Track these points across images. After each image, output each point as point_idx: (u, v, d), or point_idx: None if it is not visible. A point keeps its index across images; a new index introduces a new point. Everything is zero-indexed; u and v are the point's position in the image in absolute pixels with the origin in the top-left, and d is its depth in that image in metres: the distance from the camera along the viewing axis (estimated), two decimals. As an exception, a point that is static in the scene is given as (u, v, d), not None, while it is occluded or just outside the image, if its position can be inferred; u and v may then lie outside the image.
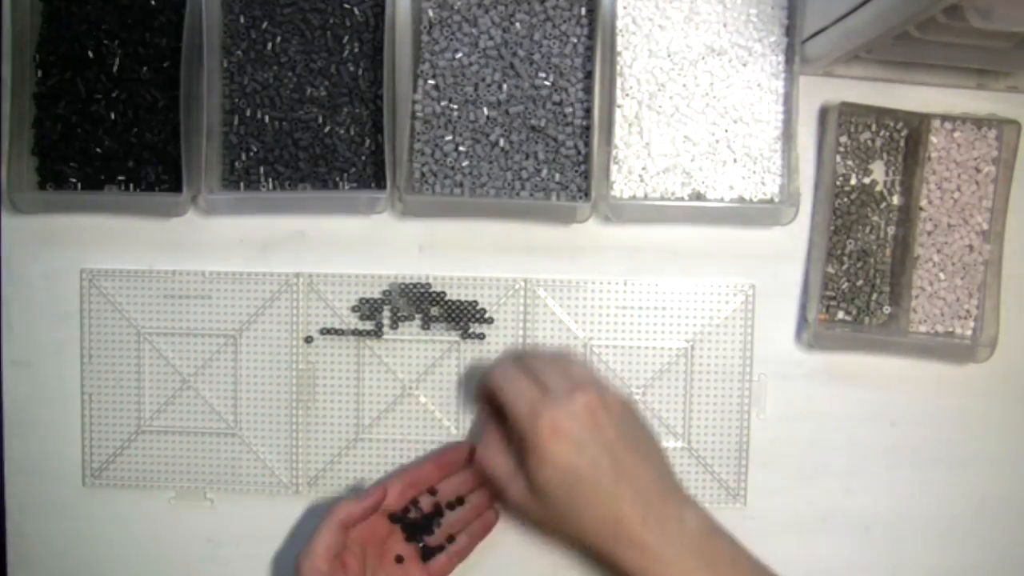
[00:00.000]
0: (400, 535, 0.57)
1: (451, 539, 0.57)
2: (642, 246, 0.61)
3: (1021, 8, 0.45)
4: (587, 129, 0.58)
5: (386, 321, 0.61)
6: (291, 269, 0.62)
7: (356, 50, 0.60)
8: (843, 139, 0.60)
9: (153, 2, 0.60)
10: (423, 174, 0.59)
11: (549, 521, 0.50)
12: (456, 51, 0.59)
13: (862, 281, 0.61)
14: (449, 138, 0.59)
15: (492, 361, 0.61)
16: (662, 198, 0.59)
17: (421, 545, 0.57)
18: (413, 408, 0.62)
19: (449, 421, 0.62)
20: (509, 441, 0.52)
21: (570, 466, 0.49)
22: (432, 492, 0.57)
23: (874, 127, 0.61)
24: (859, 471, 0.62)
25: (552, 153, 0.59)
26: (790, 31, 0.59)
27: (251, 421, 0.62)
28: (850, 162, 0.61)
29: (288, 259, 0.62)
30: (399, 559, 0.56)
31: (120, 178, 0.60)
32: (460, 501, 0.57)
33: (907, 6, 0.46)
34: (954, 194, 0.60)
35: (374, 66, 0.60)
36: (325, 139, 0.60)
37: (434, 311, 0.61)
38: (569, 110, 0.58)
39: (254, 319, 0.62)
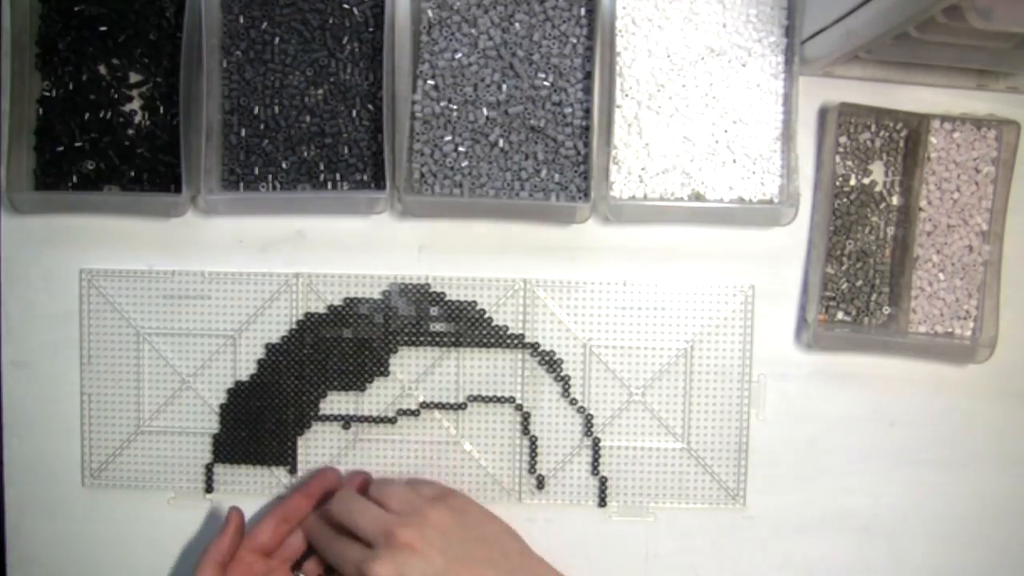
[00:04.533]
0: (278, 573, 0.57)
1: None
2: (642, 247, 0.61)
3: (1021, 8, 0.45)
4: (586, 129, 0.58)
5: (385, 321, 0.61)
6: (290, 269, 0.62)
7: (355, 50, 0.60)
8: (842, 139, 0.60)
9: (153, 2, 0.60)
10: (422, 174, 0.59)
11: None
12: (455, 51, 0.59)
13: (861, 282, 0.61)
14: (448, 138, 0.59)
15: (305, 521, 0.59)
16: (662, 199, 0.59)
17: None
18: (412, 409, 0.62)
19: (448, 422, 0.62)
20: None
21: None
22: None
23: (873, 127, 0.61)
24: (859, 471, 0.62)
25: (552, 153, 0.59)
26: (790, 31, 0.59)
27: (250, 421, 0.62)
28: (849, 163, 0.61)
29: (287, 259, 0.62)
30: None
31: (119, 178, 0.60)
32: None
33: (907, 6, 0.46)
34: (954, 194, 0.60)
35: (373, 66, 0.60)
36: (324, 139, 0.60)
37: (433, 311, 0.61)
38: (568, 110, 0.58)
39: (253, 319, 0.62)
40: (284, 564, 0.57)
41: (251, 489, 0.62)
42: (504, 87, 0.59)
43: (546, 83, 0.59)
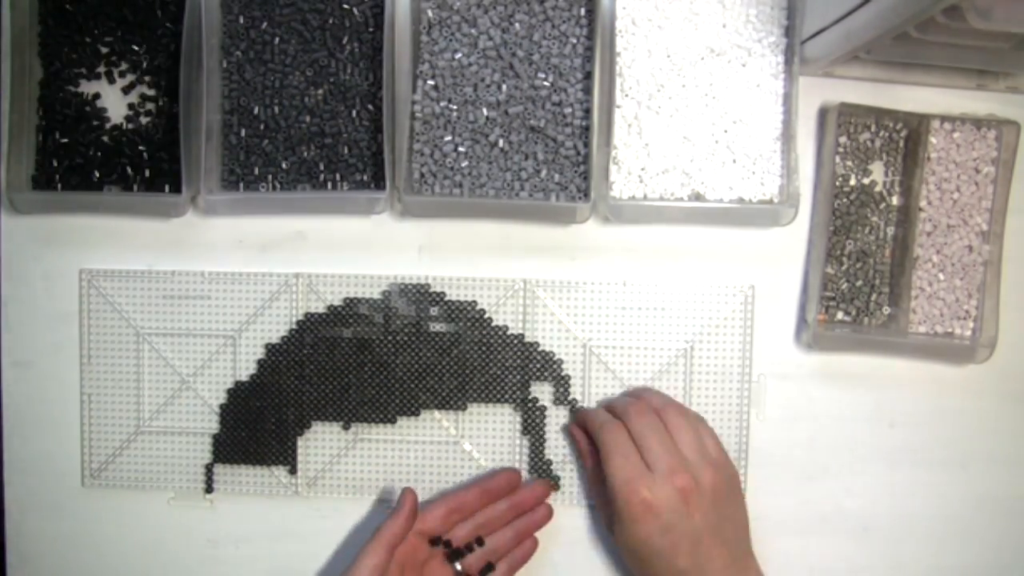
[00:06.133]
0: (439, 559, 0.57)
1: (490, 567, 0.57)
2: (642, 247, 0.61)
3: (1021, 8, 0.45)
4: (586, 129, 0.58)
5: (385, 321, 0.61)
6: (290, 270, 0.62)
7: (355, 50, 0.60)
8: (842, 140, 0.60)
9: (153, 2, 0.60)
10: (422, 175, 0.59)
11: (629, 561, 0.56)
12: (455, 51, 0.59)
13: (861, 282, 0.61)
14: (448, 139, 0.59)
15: (600, 405, 0.60)
16: (661, 199, 0.59)
17: (459, 570, 0.57)
18: (412, 409, 0.62)
19: (448, 422, 0.62)
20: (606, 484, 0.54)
21: (651, 543, 0.52)
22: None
23: (873, 128, 0.61)
24: (859, 471, 0.62)
25: (551, 153, 0.59)
26: (789, 32, 0.59)
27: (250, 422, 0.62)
28: (849, 163, 0.61)
29: (287, 260, 0.62)
30: None
31: (120, 178, 0.60)
32: (480, 542, 0.58)
33: (907, 7, 0.46)
34: (953, 195, 0.60)
35: (373, 66, 0.60)
36: (324, 139, 0.60)
37: (433, 311, 0.61)
38: (568, 110, 0.58)
39: (253, 320, 0.62)
40: (442, 553, 0.58)
41: (251, 489, 0.62)
42: (504, 87, 0.59)
43: (546, 83, 0.59)
